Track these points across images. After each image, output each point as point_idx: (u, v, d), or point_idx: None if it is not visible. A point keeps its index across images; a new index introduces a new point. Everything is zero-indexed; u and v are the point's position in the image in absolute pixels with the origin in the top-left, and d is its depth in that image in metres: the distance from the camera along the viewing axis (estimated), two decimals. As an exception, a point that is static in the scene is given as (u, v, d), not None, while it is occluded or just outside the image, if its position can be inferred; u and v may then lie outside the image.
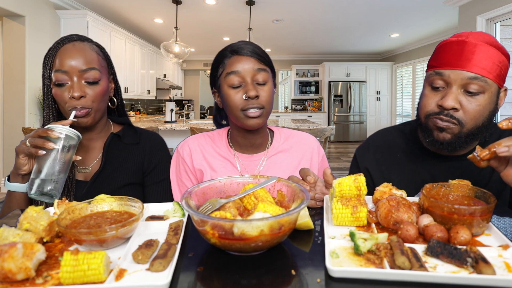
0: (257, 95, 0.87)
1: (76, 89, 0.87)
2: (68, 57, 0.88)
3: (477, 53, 0.77)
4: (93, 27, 4.19)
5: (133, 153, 1.02)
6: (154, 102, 8.00)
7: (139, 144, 1.04)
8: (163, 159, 1.06)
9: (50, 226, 0.56)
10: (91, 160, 0.99)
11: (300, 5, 4.46)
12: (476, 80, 0.76)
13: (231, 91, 0.89)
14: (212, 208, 0.59)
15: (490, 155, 0.62)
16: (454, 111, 0.79)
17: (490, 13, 3.68)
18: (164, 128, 3.54)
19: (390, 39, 6.79)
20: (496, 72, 0.77)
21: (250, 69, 0.88)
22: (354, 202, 0.61)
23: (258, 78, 0.88)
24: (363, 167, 1.03)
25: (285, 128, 1.09)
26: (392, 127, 1.06)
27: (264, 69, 0.90)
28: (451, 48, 0.81)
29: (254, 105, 0.88)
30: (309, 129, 3.00)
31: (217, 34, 6.28)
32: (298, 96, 8.98)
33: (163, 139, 1.12)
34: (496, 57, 0.77)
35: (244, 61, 0.88)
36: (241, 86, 0.88)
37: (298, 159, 1.01)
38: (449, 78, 0.79)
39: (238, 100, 0.88)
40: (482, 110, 0.78)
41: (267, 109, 0.91)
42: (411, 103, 7.54)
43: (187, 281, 0.46)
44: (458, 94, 0.79)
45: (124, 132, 1.04)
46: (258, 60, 0.89)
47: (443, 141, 0.82)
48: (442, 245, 0.48)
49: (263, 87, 0.89)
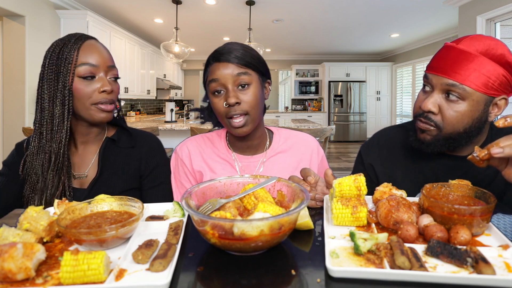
0: (238, 102, 0.85)
1: (106, 84, 0.88)
2: (96, 51, 0.89)
3: (461, 61, 0.77)
4: (93, 27, 4.19)
5: (130, 156, 0.99)
6: (154, 102, 8.00)
7: (135, 147, 1.01)
8: (161, 162, 1.04)
9: (50, 226, 0.56)
10: (86, 165, 0.97)
11: (300, 5, 4.46)
12: (454, 87, 0.77)
13: (215, 99, 0.89)
14: (212, 208, 0.59)
15: (489, 155, 0.62)
16: (432, 115, 0.81)
17: (490, 13, 3.68)
18: (164, 128, 3.54)
19: (390, 39, 6.79)
20: (480, 81, 0.76)
21: (229, 76, 0.86)
22: (354, 202, 0.61)
23: (240, 83, 0.86)
24: (367, 164, 1.03)
25: (284, 129, 1.09)
26: (397, 125, 1.07)
27: (245, 72, 0.87)
28: (441, 52, 0.83)
29: (236, 111, 0.86)
30: (309, 129, 3.00)
31: (217, 34, 6.28)
32: (298, 96, 8.98)
33: (160, 141, 1.09)
34: (484, 67, 0.75)
35: (223, 68, 0.86)
36: (223, 92, 0.87)
37: (297, 159, 1.01)
38: (432, 82, 0.82)
39: (220, 107, 0.87)
40: (461, 117, 0.79)
41: (252, 115, 0.89)
42: (411, 103, 7.54)
43: (187, 281, 0.46)
44: (438, 99, 0.81)
45: (119, 136, 1.01)
46: (239, 65, 0.86)
47: (423, 141, 0.85)
48: (442, 245, 0.48)
49: (245, 91, 0.87)
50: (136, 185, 1.00)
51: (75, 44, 0.88)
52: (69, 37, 0.90)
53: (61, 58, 0.86)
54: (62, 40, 0.90)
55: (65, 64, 0.86)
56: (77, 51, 0.87)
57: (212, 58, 0.90)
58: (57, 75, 0.86)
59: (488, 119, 0.82)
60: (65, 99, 0.87)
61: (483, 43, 0.77)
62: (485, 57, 0.76)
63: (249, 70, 0.88)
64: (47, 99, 0.87)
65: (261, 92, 0.92)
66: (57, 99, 0.87)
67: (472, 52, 0.77)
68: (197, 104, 9.50)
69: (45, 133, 0.87)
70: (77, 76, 0.86)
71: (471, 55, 0.77)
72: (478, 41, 0.78)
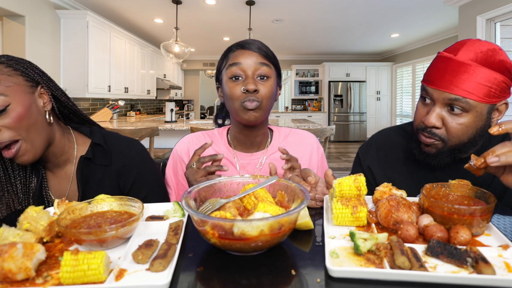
0: (256, 89, 0.86)
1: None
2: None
3: (461, 74, 0.75)
4: (93, 27, 4.19)
5: (107, 173, 0.92)
6: (154, 102, 8.00)
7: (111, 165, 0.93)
8: (140, 175, 0.94)
9: (50, 226, 0.56)
10: (64, 187, 0.90)
11: (300, 5, 4.46)
12: (457, 101, 0.76)
13: (231, 83, 0.88)
14: (212, 208, 0.59)
15: (486, 163, 0.61)
16: (436, 129, 0.80)
17: (490, 13, 3.68)
18: (164, 128, 3.54)
19: (390, 39, 6.79)
20: (482, 92, 0.74)
21: (252, 63, 0.88)
22: (354, 202, 0.61)
23: (260, 73, 0.88)
24: (365, 166, 1.03)
25: (284, 127, 1.10)
26: (395, 127, 1.07)
27: (267, 64, 0.89)
28: (437, 63, 0.80)
29: (252, 97, 0.86)
30: (309, 129, 3.00)
31: (217, 34, 6.28)
32: (298, 96, 8.97)
33: (138, 149, 0.97)
34: (484, 77, 0.74)
35: (247, 54, 0.88)
36: (241, 79, 0.88)
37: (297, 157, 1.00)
38: (433, 96, 0.80)
39: (237, 92, 0.87)
40: (466, 129, 0.78)
41: (265, 105, 0.89)
42: (411, 103, 7.54)
43: (187, 281, 0.46)
44: (441, 112, 0.79)
45: (93, 153, 0.91)
46: (262, 55, 0.89)
47: (428, 153, 0.85)
48: (442, 245, 0.48)
49: (264, 82, 0.88)
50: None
51: None
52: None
53: None
54: None
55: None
56: None
57: (235, 46, 0.92)
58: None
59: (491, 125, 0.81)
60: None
61: (480, 51, 0.75)
62: (485, 68, 0.74)
63: (270, 63, 0.91)
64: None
65: (276, 90, 0.94)
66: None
67: (472, 64, 0.74)
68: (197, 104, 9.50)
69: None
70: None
71: (471, 67, 0.74)
72: (476, 49, 0.75)
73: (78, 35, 4.07)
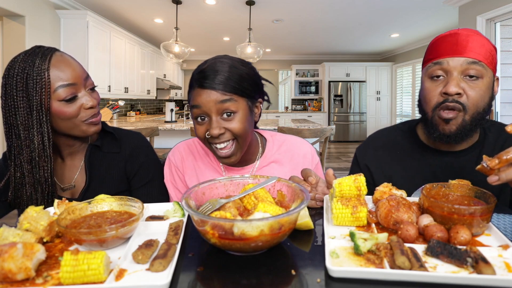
0: (222, 133, 0.80)
1: (90, 98, 0.85)
2: (68, 67, 0.82)
3: (471, 41, 0.81)
4: (93, 27, 4.19)
5: (115, 160, 0.97)
6: (154, 102, 8.00)
7: (119, 152, 0.98)
8: (146, 160, 1.00)
9: (50, 226, 0.56)
10: (72, 175, 0.94)
11: (300, 5, 4.46)
12: (475, 64, 0.79)
13: (197, 125, 0.83)
14: (212, 208, 0.59)
15: (501, 164, 0.60)
16: (459, 97, 0.81)
17: (490, 13, 3.68)
18: (164, 128, 3.54)
19: (390, 39, 6.79)
20: (489, 59, 0.81)
21: (213, 103, 0.78)
22: (354, 202, 0.61)
23: (225, 110, 0.79)
24: (363, 165, 1.04)
25: (278, 134, 1.03)
26: (391, 126, 1.08)
27: (230, 99, 0.78)
28: (445, 40, 0.85)
29: (220, 140, 0.81)
30: (309, 129, 3.00)
31: (217, 34, 6.28)
32: (298, 96, 8.97)
33: (144, 139, 1.05)
34: (488, 45, 0.81)
35: (206, 95, 0.78)
36: (207, 119, 0.81)
37: (290, 168, 0.97)
38: (449, 65, 0.82)
39: (202, 135, 0.82)
40: (483, 95, 0.81)
41: (241, 141, 0.83)
42: (411, 103, 7.54)
43: (187, 281, 0.46)
44: (459, 80, 0.81)
45: (102, 141, 0.96)
46: (223, 92, 0.78)
47: (449, 133, 0.84)
48: (442, 245, 0.48)
49: (231, 119, 0.80)
50: (125, 187, 0.98)
51: (42, 64, 0.77)
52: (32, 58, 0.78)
53: (31, 84, 0.77)
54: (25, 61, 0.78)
55: (37, 89, 0.77)
56: (47, 73, 0.77)
57: (195, 81, 0.81)
58: (29, 102, 0.78)
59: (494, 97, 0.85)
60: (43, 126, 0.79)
61: (471, 29, 0.84)
62: (483, 37, 0.82)
63: (235, 96, 0.79)
64: (22, 128, 0.79)
65: (250, 117, 0.85)
66: (33, 128, 0.79)
67: (476, 33, 0.82)
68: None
69: (27, 165, 0.81)
70: (57, 100, 0.80)
71: (477, 36, 0.81)
72: (468, 29, 0.84)
73: (78, 35, 4.07)
